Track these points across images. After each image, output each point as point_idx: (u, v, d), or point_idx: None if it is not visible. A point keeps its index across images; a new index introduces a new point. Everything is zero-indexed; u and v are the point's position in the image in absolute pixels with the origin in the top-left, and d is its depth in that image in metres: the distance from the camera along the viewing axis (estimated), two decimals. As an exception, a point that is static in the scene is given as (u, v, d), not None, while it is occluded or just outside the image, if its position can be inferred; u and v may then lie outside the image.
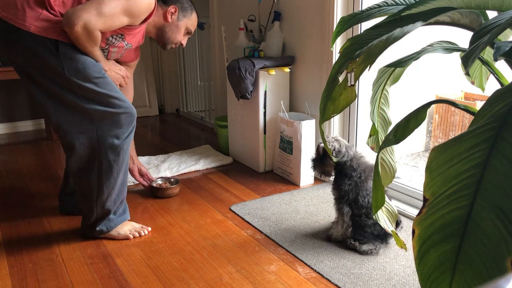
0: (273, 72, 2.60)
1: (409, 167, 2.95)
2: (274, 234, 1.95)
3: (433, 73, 2.83)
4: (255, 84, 2.61)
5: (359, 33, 2.06)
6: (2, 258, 1.78)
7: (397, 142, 1.16)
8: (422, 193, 0.80)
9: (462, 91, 3.00)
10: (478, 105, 2.71)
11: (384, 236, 1.79)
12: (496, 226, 0.71)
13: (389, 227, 1.39)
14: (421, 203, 1.48)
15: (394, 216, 1.43)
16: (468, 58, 0.81)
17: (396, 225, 1.76)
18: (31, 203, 2.33)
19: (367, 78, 2.35)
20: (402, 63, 1.15)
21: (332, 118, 1.93)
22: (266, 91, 2.64)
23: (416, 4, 1.05)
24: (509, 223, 0.70)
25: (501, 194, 0.72)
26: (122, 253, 1.82)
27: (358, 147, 2.45)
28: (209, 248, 1.85)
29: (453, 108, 2.90)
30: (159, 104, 4.63)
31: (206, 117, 4.14)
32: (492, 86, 1.24)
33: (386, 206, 1.42)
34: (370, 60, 1.02)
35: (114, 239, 1.92)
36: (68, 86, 1.67)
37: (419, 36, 1.63)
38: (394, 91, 1.48)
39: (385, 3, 1.21)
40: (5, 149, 3.38)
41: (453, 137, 0.78)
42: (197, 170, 2.83)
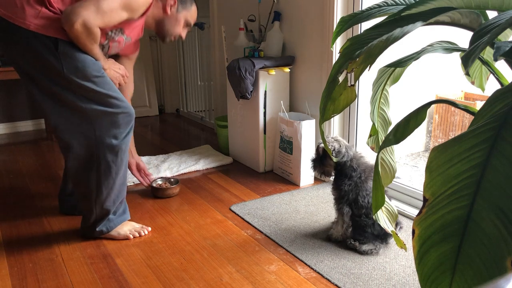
0: (273, 72, 2.60)
1: (409, 167, 2.95)
2: (274, 234, 1.95)
3: (433, 73, 2.83)
4: (255, 84, 2.61)
5: (359, 33, 2.06)
6: (2, 258, 1.78)
7: (397, 142, 1.16)
8: (422, 193, 0.80)
9: (462, 91, 3.00)
10: (478, 105, 2.71)
11: (384, 236, 1.79)
12: (496, 226, 0.71)
13: (389, 227, 1.39)
14: (421, 203, 1.48)
15: (394, 216, 1.43)
16: (468, 58, 0.81)
17: (395, 225, 1.76)
18: (31, 203, 2.33)
19: (367, 78, 2.35)
20: (402, 63, 1.15)
21: (332, 118, 1.93)
22: (266, 91, 2.64)
23: (416, 4, 1.05)
24: (509, 223, 0.70)
25: (501, 194, 0.72)
26: (122, 253, 1.82)
27: (358, 147, 2.45)
28: (209, 248, 1.85)
29: (453, 108, 2.90)
30: (159, 104, 4.63)
31: (206, 117, 4.14)
32: (492, 86, 1.24)
33: (386, 206, 1.42)
34: (370, 60, 1.02)
35: (114, 239, 1.92)
36: (67, 85, 1.67)
37: (419, 36, 1.63)
38: (394, 91, 1.48)
39: (385, 3, 1.21)
40: (5, 149, 3.38)
41: (453, 137, 0.78)
42: (197, 170, 2.83)
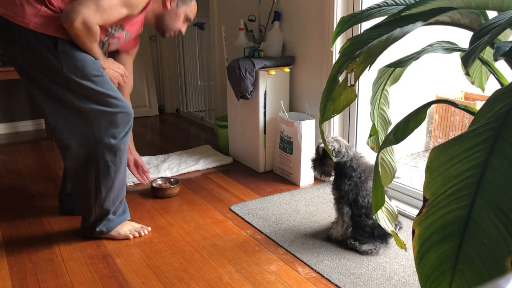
0: (273, 72, 2.60)
1: (409, 167, 2.95)
2: (274, 234, 1.95)
3: (433, 73, 2.83)
4: (255, 84, 2.61)
5: (359, 33, 2.06)
6: (2, 258, 1.78)
7: (397, 142, 1.16)
8: (422, 193, 0.80)
9: (462, 91, 3.00)
10: (478, 105, 2.71)
11: (384, 236, 1.79)
12: (496, 226, 0.71)
13: (389, 227, 1.39)
14: (421, 203, 1.48)
15: (394, 216, 1.43)
16: (468, 58, 0.81)
17: (395, 225, 1.76)
18: (31, 203, 2.33)
19: (367, 78, 2.35)
20: (402, 63, 1.15)
21: (332, 118, 1.93)
22: (266, 91, 2.64)
23: (416, 4, 1.05)
24: (509, 223, 0.70)
25: (501, 194, 0.72)
26: (122, 253, 1.82)
27: (358, 147, 2.45)
28: (209, 248, 1.85)
29: (453, 108, 2.90)
30: (159, 104, 4.63)
31: (206, 117, 4.14)
32: (492, 86, 1.24)
33: (386, 206, 1.42)
34: (370, 60, 1.02)
35: (114, 239, 1.92)
36: (66, 84, 1.67)
37: (419, 36, 1.63)
38: (394, 91, 1.48)
39: (385, 3, 1.21)
40: (5, 149, 3.38)
41: (453, 137, 0.78)
42: (197, 170, 2.83)
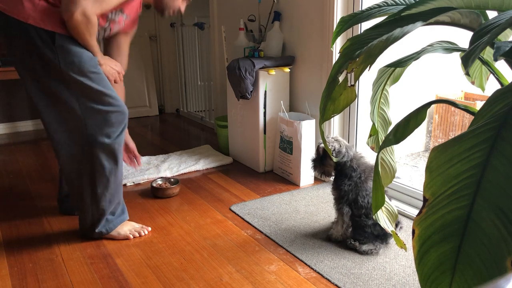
0: (273, 72, 2.60)
1: (409, 167, 2.95)
2: (274, 234, 1.95)
3: (433, 73, 2.83)
4: (255, 84, 2.61)
5: (359, 33, 2.06)
6: (2, 258, 1.78)
7: (397, 142, 1.16)
8: (422, 193, 0.80)
9: (462, 91, 3.00)
10: (478, 105, 2.71)
11: (384, 236, 1.79)
12: (496, 226, 0.71)
13: (389, 227, 1.39)
14: (421, 203, 1.48)
15: (394, 216, 1.43)
16: (468, 58, 0.81)
17: (395, 225, 1.76)
18: (31, 203, 2.33)
19: (367, 78, 2.35)
20: (402, 63, 1.15)
21: (332, 118, 1.93)
22: (266, 91, 2.64)
23: (416, 4, 1.05)
24: (509, 223, 0.70)
25: (501, 194, 0.72)
26: (122, 253, 1.82)
27: (358, 147, 2.45)
28: (209, 248, 1.85)
29: (453, 108, 2.90)
30: (159, 104, 4.63)
31: (206, 117, 4.14)
32: (492, 86, 1.24)
33: (386, 206, 1.42)
34: (370, 60, 1.02)
35: (114, 239, 1.92)
36: (62, 80, 1.67)
37: (419, 36, 1.63)
38: (394, 91, 1.48)
39: (385, 3, 1.21)
40: (5, 149, 3.38)
41: (453, 137, 0.78)
42: (197, 170, 2.83)
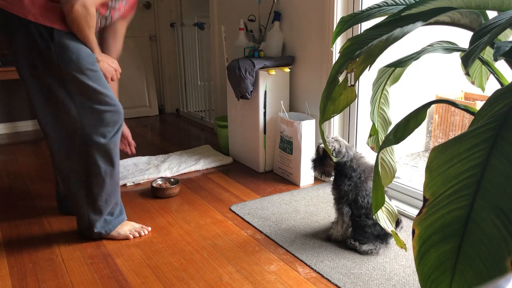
0: (273, 72, 2.60)
1: (409, 167, 2.95)
2: (274, 234, 1.95)
3: (433, 73, 2.83)
4: (255, 84, 2.61)
5: (359, 33, 2.06)
6: (2, 258, 1.78)
7: (397, 142, 1.16)
8: (422, 193, 0.80)
9: (462, 91, 3.00)
10: (478, 105, 2.71)
11: (384, 236, 1.79)
12: (496, 226, 0.71)
13: (389, 227, 1.39)
14: (421, 203, 1.48)
15: (394, 216, 1.43)
16: (468, 58, 0.81)
17: (396, 224, 1.76)
18: (31, 203, 2.33)
19: (367, 78, 2.35)
20: (402, 63, 1.15)
21: (332, 118, 1.93)
22: (266, 91, 2.64)
23: (416, 4, 1.05)
24: (509, 223, 0.70)
25: (501, 194, 0.72)
26: (122, 253, 1.82)
27: (358, 147, 2.45)
28: (209, 248, 1.85)
29: (453, 108, 2.90)
30: (159, 104, 4.62)
31: (206, 117, 4.14)
32: (492, 86, 1.24)
33: (386, 206, 1.42)
34: (370, 60, 1.02)
35: (114, 239, 1.92)
36: (60, 78, 1.67)
37: (419, 36, 1.63)
38: (394, 91, 1.48)
39: (385, 3, 1.21)
40: (5, 149, 3.38)
41: (453, 137, 0.78)
42: (197, 170, 2.83)
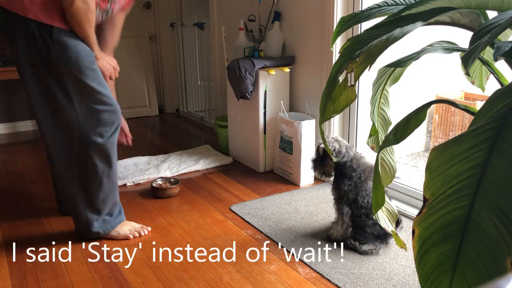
0: (273, 72, 2.60)
1: (409, 167, 2.95)
2: (274, 234, 1.95)
3: (433, 73, 2.83)
4: (255, 84, 2.61)
5: (359, 33, 2.06)
6: (2, 258, 1.78)
7: (397, 142, 1.16)
8: (422, 193, 0.80)
9: (462, 91, 3.00)
10: (478, 105, 2.71)
11: (384, 236, 1.79)
12: (496, 226, 0.71)
13: (389, 227, 1.39)
14: (421, 203, 1.48)
15: (394, 216, 1.43)
16: (468, 58, 0.81)
17: (396, 224, 1.76)
18: (31, 203, 2.33)
19: (367, 78, 2.35)
20: (402, 63, 1.15)
21: (332, 118, 1.93)
22: (266, 91, 2.64)
23: (416, 4, 1.05)
24: (509, 223, 0.70)
25: (501, 194, 0.72)
26: (122, 253, 1.82)
27: (358, 147, 2.45)
28: (209, 248, 1.85)
29: (453, 108, 2.90)
30: (159, 104, 4.62)
31: (206, 117, 4.14)
32: (492, 86, 1.24)
33: (386, 206, 1.42)
34: (370, 60, 1.02)
35: (114, 239, 1.92)
36: (59, 76, 1.67)
37: (419, 36, 1.63)
38: (394, 91, 1.48)
39: (385, 3, 1.21)
40: (5, 149, 3.38)
41: (453, 137, 0.78)
42: (197, 170, 2.83)
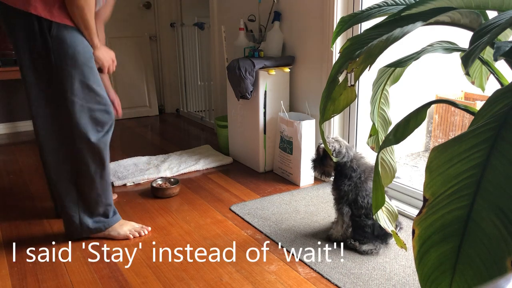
0: (273, 72, 2.60)
1: (409, 167, 2.95)
2: (274, 234, 1.95)
3: (433, 73, 2.83)
4: (255, 84, 2.61)
5: (359, 33, 2.06)
6: (2, 258, 1.78)
7: (397, 142, 1.16)
8: (422, 193, 0.80)
9: (462, 91, 3.00)
10: (478, 105, 2.71)
11: (384, 236, 1.79)
12: (496, 226, 0.71)
13: (389, 227, 1.39)
14: (421, 203, 1.48)
15: (394, 216, 1.43)
16: (468, 58, 0.81)
17: (395, 227, 1.76)
18: (31, 203, 2.33)
19: (367, 78, 2.35)
20: (402, 63, 1.15)
21: (332, 118, 1.93)
22: (266, 91, 2.64)
23: (416, 4, 1.05)
24: (509, 223, 0.70)
25: (501, 194, 0.72)
26: (122, 253, 1.82)
27: (358, 147, 2.45)
28: (209, 248, 1.85)
29: (453, 108, 2.90)
30: (159, 104, 4.62)
31: (206, 117, 4.14)
32: (492, 86, 1.24)
33: (386, 206, 1.42)
34: (370, 60, 1.02)
35: (114, 239, 1.92)
36: (56, 72, 1.67)
37: (419, 36, 1.63)
38: (394, 91, 1.48)
39: (385, 3, 1.21)
40: (5, 149, 3.38)
41: (453, 137, 0.78)
42: (197, 170, 2.83)
